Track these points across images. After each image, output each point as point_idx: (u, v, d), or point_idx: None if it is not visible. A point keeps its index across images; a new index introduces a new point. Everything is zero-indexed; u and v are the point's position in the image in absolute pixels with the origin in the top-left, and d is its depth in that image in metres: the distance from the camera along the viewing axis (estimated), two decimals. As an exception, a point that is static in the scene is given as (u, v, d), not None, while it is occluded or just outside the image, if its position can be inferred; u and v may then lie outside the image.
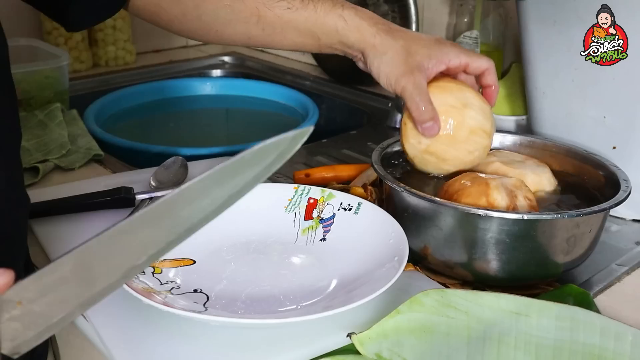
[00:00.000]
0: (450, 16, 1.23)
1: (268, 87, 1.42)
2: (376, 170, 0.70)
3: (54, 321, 0.35)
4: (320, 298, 0.61)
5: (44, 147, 0.96)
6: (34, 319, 0.34)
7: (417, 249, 0.67)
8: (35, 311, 0.34)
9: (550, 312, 0.56)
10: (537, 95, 0.88)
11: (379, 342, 0.54)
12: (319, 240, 0.70)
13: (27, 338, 0.35)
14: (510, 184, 0.66)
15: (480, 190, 0.65)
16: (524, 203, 0.65)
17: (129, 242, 0.35)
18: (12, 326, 0.34)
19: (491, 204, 0.63)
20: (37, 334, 0.35)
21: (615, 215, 0.82)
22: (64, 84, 1.16)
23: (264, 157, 0.35)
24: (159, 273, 0.62)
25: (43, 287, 0.34)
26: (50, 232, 0.73)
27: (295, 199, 0.73)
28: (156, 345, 0.56)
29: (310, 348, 0.56)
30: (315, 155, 1.03)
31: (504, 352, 0.55)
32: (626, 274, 0.72)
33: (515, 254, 0.63)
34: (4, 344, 0.34)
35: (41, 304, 0.34)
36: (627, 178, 0.69)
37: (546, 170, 0.74)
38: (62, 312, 0.34)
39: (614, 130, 0.81)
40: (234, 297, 0.61)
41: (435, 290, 0.57)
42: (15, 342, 0.34)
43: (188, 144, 1.16)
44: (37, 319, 0.34)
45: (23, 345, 0.35)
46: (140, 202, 0.78)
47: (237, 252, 0.69)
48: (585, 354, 0.54)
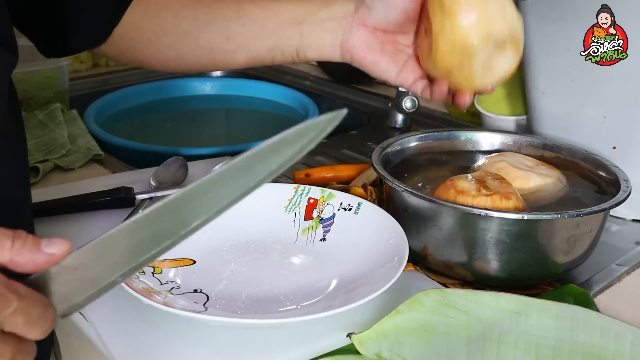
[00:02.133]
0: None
1: (268, 87, 1.42)
2: (376, 170, 0.70)
3: (102, 286, 0.39)
4: (320, 298, 0.61)
5: (44, 147, 0.96)
6: (85, 284, 0.38)
7: (417, 249, 0.67)
8: (87, 277, 0.38)
9: (550, 311, 0.56)
10: (537, 95, 0.88)
11: (378, 342, 0.54)
12: (319, 240, 0.70)
13: (77, 302, 0.39)
14: (476, 175, 0.68)
15: (446, 185, 0.66)
16: (495, 183, 0.65)
17: (180, 213, 0.39)
18: (66, 290, 0.38)
19: (460, 192, 0.64)
20: (87, 297, 0.39)
21: (615, 215, 0.82)
22: (64, 84, 1.16)
23: (302, 137, 0.38)
24: (159, 273, 0.62)
25: (97, 255, 0.38)
26: (50, 232, 0.73)
27: (295, 199, 0.73)
28: (156, 345, 0.56)
29: (310, 348, 0.56)
30: (315, 155, 1.03)
31: (504, 351, 0.55)
32: (626, 274, 0.72)
33: (515, 254, 0.63)
34: (58, 306, 0.38)
35: (94, 270, 0.38)
36: (627, 178, 0.69)
37: (553, 174, 0.74)
38: (110, 278, 0.39)
39: (614, 130, 0.81)
40: (234, 297, 0.61)
41: (435, 290, 0.57)
42: (66, 305, 0.38)
43: (188, 144, 1.16)
44: (88, 284, 0.38)
45: (72, 309, 0.39)
46: (140, 202, 0.78)
47: (237, 252, 0.69)
48: (585, 353, 0.54)
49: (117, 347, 0.55)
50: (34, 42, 0.71)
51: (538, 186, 0.72)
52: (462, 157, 0.82)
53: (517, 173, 0.72)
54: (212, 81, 1.47)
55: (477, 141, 0.83)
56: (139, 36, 0.73)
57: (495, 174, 0.68)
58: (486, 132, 0.84)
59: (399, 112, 1.15)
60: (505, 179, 0.68)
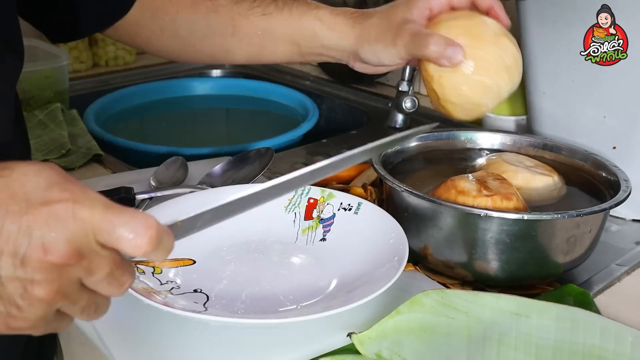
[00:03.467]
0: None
1: (268, 87, 1.42)
2: (376, 170, 0.70)
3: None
4: (320, 298, 0.61)
5: (44, 147, 0.96)
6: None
7: (417, 249, 0.67)
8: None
9: (550, 312, 0.56)
10: (537, 95, 0.88)
11: (378, 342, 0.54)
12: (319, 240, 0.70)
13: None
14: (477, 175, 0.68)
15: (447, 185, 0.66)
16: (496, 184, 0.65)
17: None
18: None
19: (461, 192, 0.64)
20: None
21: (615, 215, 0.82)
22: (64, 84, 1.16)
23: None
24: (159, 273, 0.62)
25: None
26: (50, 232, 0.73)
27: (295, 199, 0.73)
28: (156, 345, 0.56)
29: (310, 348, 0.56)
30: (315, 155, 1.03)
31: (504, 352, 0.55)
32: (626, 274, 0.72)
33: (515, 254, 0.63)
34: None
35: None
36: (627, 178, 0.69)
37: (553, 174, 0.73)
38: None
39: (614, 130, 0.81)
40: (234, 297, 0.61)
41: (435, 291, 0.57)
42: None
43: (188, 144, 1.16)
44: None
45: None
46: (140, 202, 0.78)
47: (237, 252, 0.69)
48: (585, 354, 0.54)
49: (117, 347, 0.55)
50: (42, 29, 0.71)
51: (538, 186, 0.72)
52: (462, 157, 0.82)
53: (517, 173, 0.72)
54: (212, 81, 1.47)
55: (477, 141, 0.83)
56: (139, 32, 0.73)
57: (496, 174, 0.68)
58: (486, 132, 0.84)
59: (399, 112, 1.15)
60: (506, 180, 0.68)
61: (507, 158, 0.75)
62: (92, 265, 0.38)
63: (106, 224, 0.38)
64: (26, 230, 0.37)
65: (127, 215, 0.38)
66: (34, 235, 0.37)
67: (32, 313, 0.38)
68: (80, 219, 0.37)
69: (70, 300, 0.39)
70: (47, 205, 0.37)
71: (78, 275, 0.38)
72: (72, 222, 0.37)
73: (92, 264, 0.38)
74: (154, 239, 0.38)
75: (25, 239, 0.36)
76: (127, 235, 0.38)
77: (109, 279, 0.39)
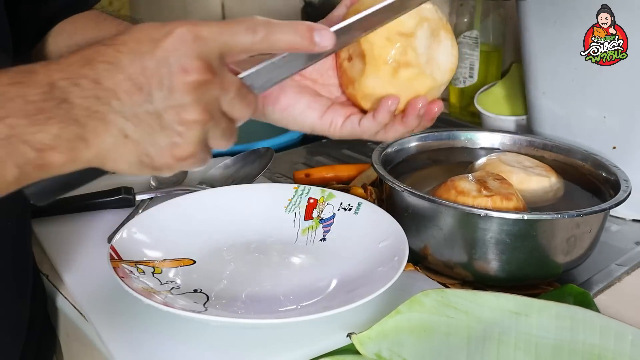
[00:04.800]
0: (450, 16, 1.23)
1: (268, 87, 1.41)
2: (376, 170, 0.70)
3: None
4: (320, 298, 0.61)
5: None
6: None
7: (417, 249, 0.67)
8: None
9: (550, 312, 0.56)
10: (537, 95, 0.88)
11: (378, 342, 0.54)
12: (319, 240, 0.70)
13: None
14: (477, 175, 0.68)
15: (447, 185, 0.66)
16: (496, 184, 0.65)
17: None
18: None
19: (461, 192, 0.64)
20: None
21: (615, 215, 0.82)
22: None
23: None
24: (159, 273, 0.62)
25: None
26: (50, 232, 0.73)
27: (295, 199, 0.73)
28: (156, 345, 0.56)
29: (310, 348, 0.56)
30: (315, 155, 1.03)
31: (504, 352, 0.55)
32: (626, 274, 0.72)
33: (515, 254, 0.63)
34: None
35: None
36: (627, 178, 0.69)
37: (553, 175, 0.73)
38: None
39: (614, 130, 0.81)
40: (234, 297, 0.61)
41: (435, 290, 0.57)
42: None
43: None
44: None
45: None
46: (140, 202, 0.78)
47: (237, 252, 0.69)
48: (585, 353, 0.54)
49: (117, 347, 0.55)
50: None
51: (533, 187, 0.72)
52: (462, 157, 0.82)
53: (512, 174, 0.72)
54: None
55: (477, 141, 0.83)
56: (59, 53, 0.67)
57: (496, 175, 0.68)
58: (486, 132, 0.84)
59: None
60: (506, 180, 0.68)
61: (505, 158, 0.75)
62: (225, 82, 0.43)
63: (226, 36, 0.42)
64: (163, 61, 0.41)
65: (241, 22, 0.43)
66: (171, 62, 0.41)
67: (191, 136, 0.42)
68: (202, 38, 0.42)
69: (215, 122, 0.43)
70: (170, 35, 0.41)
71: (216, 94, 0.43)
72: (197, 42, 0.41)
73: (224, 81, 0.43)
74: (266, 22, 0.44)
75: (165, 68, 0.41)
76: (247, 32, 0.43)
77: (240, 97, 0.44)
